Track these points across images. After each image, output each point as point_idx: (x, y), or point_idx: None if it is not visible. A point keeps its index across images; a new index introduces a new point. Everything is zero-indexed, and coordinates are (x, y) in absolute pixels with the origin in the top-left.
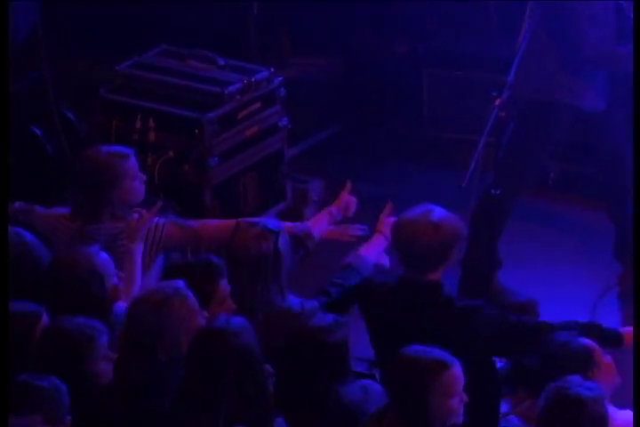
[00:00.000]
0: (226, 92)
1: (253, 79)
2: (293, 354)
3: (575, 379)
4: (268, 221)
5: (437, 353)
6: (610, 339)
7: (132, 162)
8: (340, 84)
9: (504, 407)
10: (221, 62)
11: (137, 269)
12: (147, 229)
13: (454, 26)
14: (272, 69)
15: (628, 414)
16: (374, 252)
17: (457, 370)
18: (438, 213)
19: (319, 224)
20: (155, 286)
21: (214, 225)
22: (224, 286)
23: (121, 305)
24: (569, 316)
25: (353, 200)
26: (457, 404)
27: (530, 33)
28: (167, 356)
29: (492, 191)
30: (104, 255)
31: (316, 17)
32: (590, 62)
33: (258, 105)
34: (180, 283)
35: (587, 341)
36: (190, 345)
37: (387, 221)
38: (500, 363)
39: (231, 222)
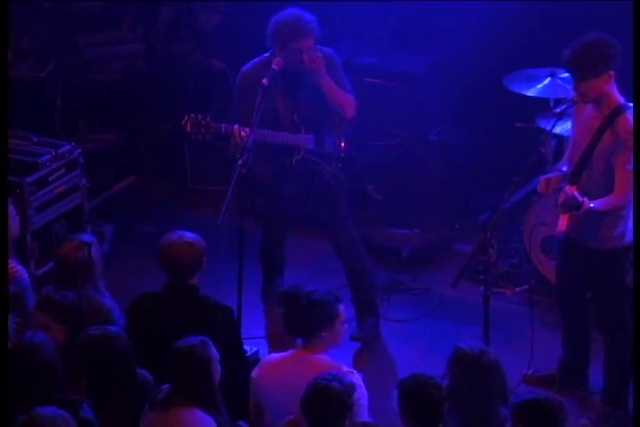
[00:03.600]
0: (39, 161)
1: (59, 151)
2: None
3: (335, 373)
4: (84, 235)
5: (197, 340)
6: None
7: None
8: (126, 153)
9: None
10: (34, 139)
11: None
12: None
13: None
14: (73, 143)
15: None
16: None
17: (213, 349)
18: (189, 235)
19: None
20: None
21: None
22: None
23: None
24: None
25: None
26: (217, 369)
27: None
28: None
29: None
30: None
31: (104, 105)
32: None
33: (63, 170)
34: None
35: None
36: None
37: None
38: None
39: None
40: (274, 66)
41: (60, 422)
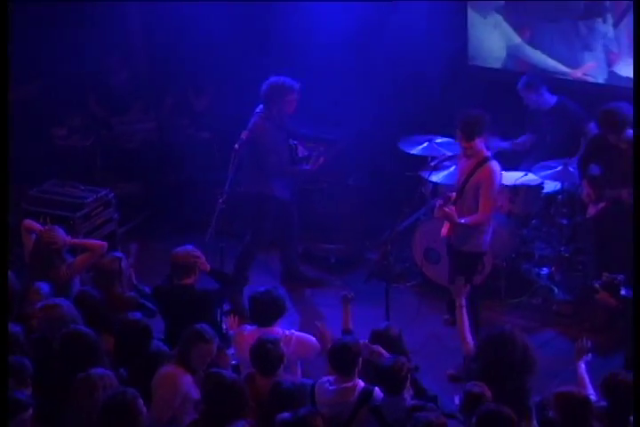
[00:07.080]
0: (85, 201)
1: (99, 195)
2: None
3: (270, 336)
4: (116, 253)
5: (209, 329)
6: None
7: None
8: (143, 196)
9: None
10: (82, 187)
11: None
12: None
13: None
14: (108, 189)
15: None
16: None
17: (216, 339)
18: (188, 247)
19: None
20: None
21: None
22: None
23: None
24: None
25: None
26: (212, 351)
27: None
28: None
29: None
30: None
31: (128, 164)
32: (275, 174)
33: (102, 208)
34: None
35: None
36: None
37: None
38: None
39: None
40: (242, 136)
41: (106, 378)
